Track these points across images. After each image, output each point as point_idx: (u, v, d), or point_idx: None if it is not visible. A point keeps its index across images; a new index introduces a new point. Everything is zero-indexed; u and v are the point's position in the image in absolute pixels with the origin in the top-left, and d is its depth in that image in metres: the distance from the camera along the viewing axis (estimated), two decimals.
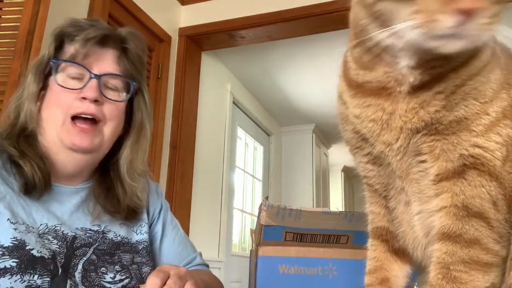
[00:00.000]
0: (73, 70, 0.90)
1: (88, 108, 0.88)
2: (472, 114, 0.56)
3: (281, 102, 4.48)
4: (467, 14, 0.46)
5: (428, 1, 0.48)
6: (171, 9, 3.01)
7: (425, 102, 0.56)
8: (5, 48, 1.68)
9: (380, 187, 0.67)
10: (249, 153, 4.49)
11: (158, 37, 2.81)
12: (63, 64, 0.91)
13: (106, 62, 0.93)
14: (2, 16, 1.77)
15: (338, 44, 0.66)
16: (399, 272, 0.69)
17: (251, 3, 2.87)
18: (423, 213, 0.61)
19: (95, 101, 0.89)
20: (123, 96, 0.95)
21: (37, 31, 1.64)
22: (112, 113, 0.92)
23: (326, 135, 5.37)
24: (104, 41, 0.93)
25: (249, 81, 4.11)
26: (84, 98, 0.88)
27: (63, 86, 0.89)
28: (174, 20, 3.02)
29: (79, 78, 0.90)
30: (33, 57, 1.61)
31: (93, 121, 0.90)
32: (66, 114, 0.88)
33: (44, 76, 0.92)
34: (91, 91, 0.88)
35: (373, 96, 0.60)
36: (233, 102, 3.90)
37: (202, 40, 3.12)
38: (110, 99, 0.92)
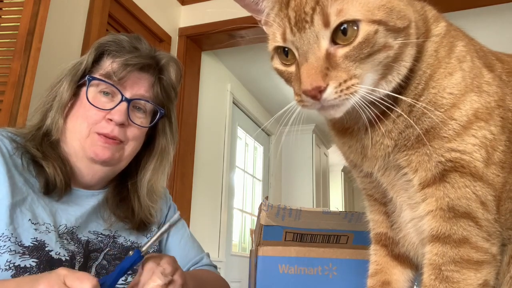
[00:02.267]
0: (106, 87, 0.92)
1: (112, 131, 0.91)
2: (437, 123, 0.57)
3: (281, 102, 4.45)
4: (312, 92, 0.51)
5: (295, 86, 0.54)
6: (171, 9, 3.01)
7: (387, 131, 0.59)
8: (5, 48, 1.68)
9: (380, 196, 0.70)
10: (249, 153, 4.48)
11: (158, 37, 2.81)
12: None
13: (140, 86, 0.95)
14: (2, 16, 1.77)
15: None
16: (400, 276, 0.70)
17: None
18: (415, 219, 0.62)
19: (121, 124, 0.91)
20: (148, 120, 0.98)
21: (37, 31, 1.64)
22: (134, 135, 0.95)
23: (326, 135, 5.36)
24: (143, 68, 0.95)
25: (249, 81, 4.10)
26: (110, 120, 0.91)
27: (93, 105, 0.91)
28: (174, 20, 3.02)
29: (110, 95, 0.93)
30: (33, 57, 1.61)
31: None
32: (92, 129, 0.91)
33: (77, 86, 0.94)
34: (119, 115, 0.91)
35: (342, 134, 0.65)
36: (233, 102, 3.90)
37: (202, 40, 3.12)
38: (135, 123, 0.95)
